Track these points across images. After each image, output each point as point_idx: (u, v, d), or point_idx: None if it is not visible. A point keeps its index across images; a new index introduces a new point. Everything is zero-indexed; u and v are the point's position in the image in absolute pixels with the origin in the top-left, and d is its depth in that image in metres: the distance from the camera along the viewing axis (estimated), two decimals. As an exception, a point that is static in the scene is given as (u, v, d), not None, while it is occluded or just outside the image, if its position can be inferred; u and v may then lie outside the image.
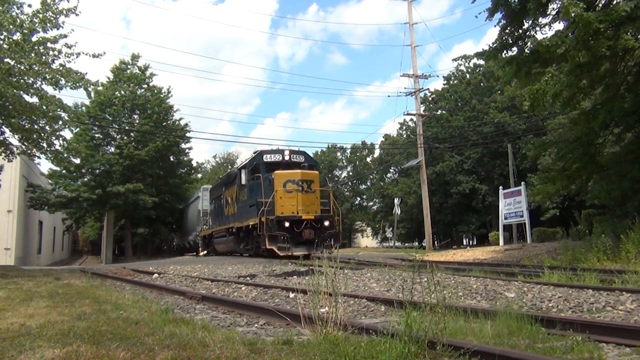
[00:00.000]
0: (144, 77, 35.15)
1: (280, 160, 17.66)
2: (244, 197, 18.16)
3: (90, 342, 3.72)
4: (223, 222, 22.49)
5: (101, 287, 9.37)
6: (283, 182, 16.18)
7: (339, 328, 3.83)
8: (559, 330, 3.98)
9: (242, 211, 18.46)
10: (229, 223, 20.89)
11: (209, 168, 62.06)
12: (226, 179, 22.76)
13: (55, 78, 13.80)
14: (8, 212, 27.26)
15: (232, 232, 20.24)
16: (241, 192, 18.63)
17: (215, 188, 26.24)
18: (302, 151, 19.39)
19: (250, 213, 17.08)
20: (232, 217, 20.50)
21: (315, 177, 17.24)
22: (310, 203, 16.44)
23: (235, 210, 19.96)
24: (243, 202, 18.36)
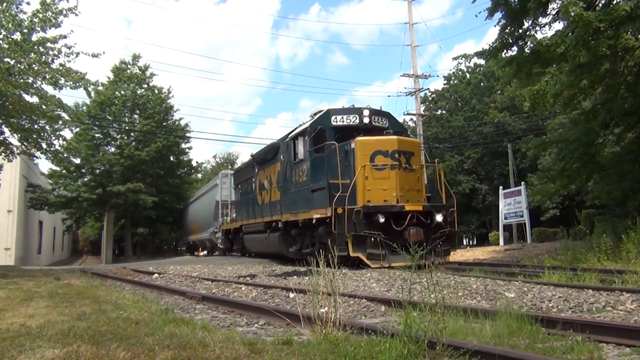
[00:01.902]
0: (145, 77, 35.16)
1: (356, 124, 12.57)
2: (299, 178, 13.24)
3: (90, 342, 3.72)
4: (256, 213, 17.28)
5: (101, 287, 9.37)
6: (370, 155, 11.33)
7: (339, 328, 3.83)
8: (559, 330, 3.98)
9: (294, 199, 13.31)
10: (267, 215, 15.70)
11: (209, 168, 62.03)
12: (262, 156, 17.02)
13: (55, 78, 13.81)
14: (8, 212, 27.27)
15: (276, 228, 14.88)
16: (294, 171, 13.54)
17: (241, 171, 21.48)
18: (385, 111, 14.03)
19: (313, 201, 11.96)
20: (272, 207, 15.38)
21: (417, 147, 12.54)
22: (411, 187, 11.64)
23: (279, 198, 14.74)
24: (297, 186, 13.27)
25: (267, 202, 16.17)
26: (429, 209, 11.44)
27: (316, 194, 11.88)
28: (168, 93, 36.08)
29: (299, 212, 12.80)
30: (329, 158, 11.90)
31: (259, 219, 16.85)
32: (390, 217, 10.90)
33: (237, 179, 21.93)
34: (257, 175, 17.92)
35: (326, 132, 12.64)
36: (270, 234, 15.39)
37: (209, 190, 29.70)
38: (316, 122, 12.91)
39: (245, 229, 18.91)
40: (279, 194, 14.71)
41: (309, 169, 12.70)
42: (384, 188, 11.24)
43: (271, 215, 15.30)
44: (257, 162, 17.85)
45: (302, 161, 13.05)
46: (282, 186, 14.53)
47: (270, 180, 16.17)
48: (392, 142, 11.63)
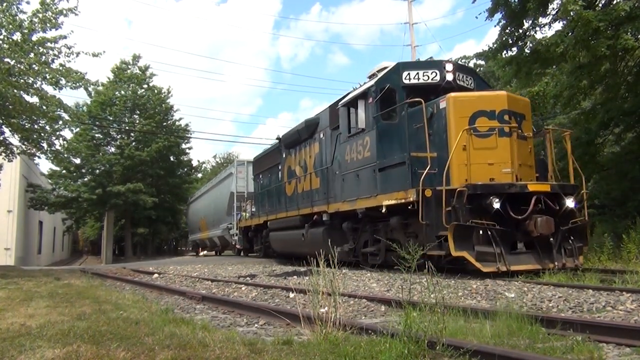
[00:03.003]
0: (145, 77, 35.18)
1: (436, 83, 9.84)
2: (358, 155, 10.47)
3: (90, 342, 3.72)
4: (287, 205, 14.80)
5: (101, 287, 9.37)
6: (469, 117, 8.57)
7: (339, 328, 3.83)
8: (559, 330, 3.98)
9: (348, 183, 10.80)
10: (305, 206, 13.22)
11: (209, 168, 62.03)
12: (294, 137, 14.52)
13: (55, 78, 13.82)
14: (8, 212, 27.28)
15: (317, 223, 12.50)
16: (349, 147, 10.81)
17: (263, 159, 18.54)
18: (470, 67, 12.05)
19: (382, 183, 9.48)
20: (309, 196, 13.10)
21: (528, 108, 9.63)
22: (524, 161, 8.95)
23: (318, 185, 12.63)
24: (353, 166, 10.61)
25: (300, 191, 13.90)
26: (557, 190, 8.60)
27: (388, 173, 9.34)
28: (168, 93, 36.11)
29: (358, 200, 10.27)
30: (409, 123, 9.02)
31: (291, 212, 14.14)
32: (509, 201, 8.10)
33: (258, 169, 19.14)
34: (285, 161, 15.54)
35: (396, 93, 9.86)
36: (310, 229, 12.80)
37: (221, 181, 26.22)
38: (383, 80, 9.96)
39: (270, 225, 16.08)
40: (318, 180, 12.63)
41: (374, 141, 9.80)
42: (490, 162, 8.42)
43: (311, 207, 12.76)
44: (286, 145, 15.25)
45: (361, 132, 10.25)
46: (323, 170, 12.37)
47: (304, 165, 13.83)
48: (499, 99, 8.81)
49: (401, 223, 9.29)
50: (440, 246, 8.05)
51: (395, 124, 9.76)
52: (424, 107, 8.70)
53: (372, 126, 10.03)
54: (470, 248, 7.86)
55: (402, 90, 9.94)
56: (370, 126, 10.07)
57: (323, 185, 12.38)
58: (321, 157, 12.79)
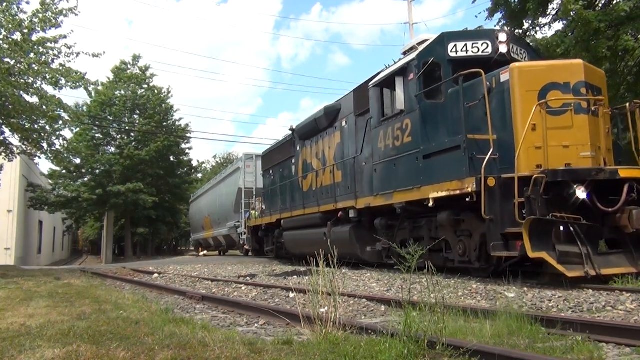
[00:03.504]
0: (145, 78, 35.18)
1: (488, 56, 8.53)
2: (394, 141, 9.23)
3: (90, 342, 3.72)
4: (305, 202, 13.50)
5: (101, 287, 9.38)
6: (539, 90, 7.23)
7: (339, 328, 3.83)
8: (559, 330, 3.97)
9: (383, 173, 9.62)
10: (327, 202, 11.99)
11: (209, 168, 62.04)
12: (310, 127, 13.43)
13: (55, 78, 13.83)
14: (8, 212, 27.30)
15: (342, 220, 11.34)
16: (383, 132, 9.59)
17: (273, 153, 17.18)
18: (524, 39, 10.77)
19: (429, 172, 8.26)
20: (330, 191, 11.98)
21: (604, 81, 8.20)
22: (604, 143, 7.59)
23: (340, 179, 11.61)
24: (389, 154, 9.40)
25: (319, 186, 12.82)
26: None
27: (436, 160, 8.08)
28: (168, 93, 36.12)
29: (395, 193, 9.05)
30: (458, 101, 7.71)
31: (310, 210, 12.94)
32: (595, 189, 6.77)
33: (268, 163, 17.71)
34: (299, 154, 14.34)
35: (441, 68, 8.62)
36: (334, 228, 11.53)
37: (228, 176, 24.55)
38: (426, 53, 8.66)
39: (285, 224, 14.84)
40: (340, 174, 11.60)
41: (416, 123, 8.55)
42: (565, 144, 7.06)
43: (334, 203, 11.50)
44: (301, 137, 14.10)
45: (399, 115, 9.02)
46: (347, 161, 11.27)
47: (323, 157, 12.76)
48: (575, 68, 7.36)
49: (452, 219, 7.96)
50: (506, 246, 6.81)
51: (441, 103, 8.48)
52: (484, 79, 7.38)
53: (413, 107, 8.71)
54: (550, 248, 6.44)
55: (447, 65, 8.60)
56: (411, 107, 8.76)
57: (346, 179, 11.30)
58: (344, 148, 11.64)
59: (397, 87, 9.01)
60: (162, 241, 51.85)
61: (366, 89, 10.49)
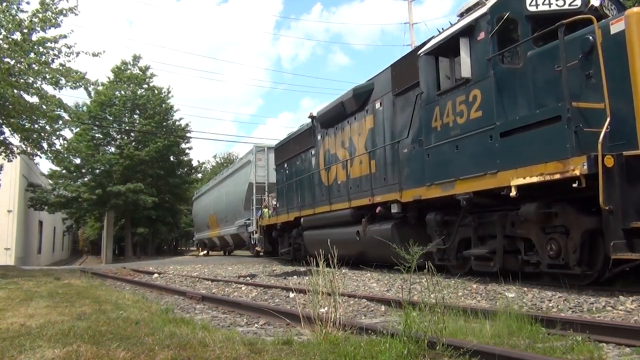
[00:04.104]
0: (145, 78, 35.17)
1: (575, 9, 7.06)
2: (458, 117, 7.70)
3: (90, 342, 3.72)
4: (328, 197, 12.34)
5: (101, 287, 9.38)
6: None
7: (339, 328, 3.83)
8: (559, 330, 3.97)
9: (438, 157, 8.17)
10: (362, 195, 10.74)
11: (209, 168, 62.06)
12: (335, 112, 12.14)
13: (55, 78, 13.84)
14: (8, 212, 27.30)
15: (375, 218, 10.30)
16: (440, 107, 8.11)
17: (289, 144, 15.76)
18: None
19: (509, 153, 6.75)
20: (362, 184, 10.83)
21: None
22: None
23: (374, 169, 10.42)
24: (451, 132, 7.86)
25: (346, 179, 11.59)
26: None
27: (520, 137, 6.55)
28: (168, 93, 36.11)
29: (458, 181, 7.58)
30: (564, 57, 6.04)
31: (338, 205, 11.66)
32: None
33: (282, 156, 16.31)
34: (320, 144, 13.14)
35: (518, 25, 7.20)
36: (370, 226, 10.26)
37: (237, 170, 22.81)
38: (500, 7, 7.23)
39: (305, 222, 13.58)
40: (374, 163, 10.39)
41: (489, 93, 7.08)
42: None
43: (370, 196, 10.25)
44: (323, 124, 12.89)
45: (463, 86, 7.56)
46: (383, 148, 10.05)
47: (351, 145, 11.48)
48: None
49: (541, 213, 6.41)
50: (630, 246, 5.41)
51: (519, 69, 7.05)
52: (596, 26, 5.94)
53: (484, 74, 7.21)
54: None
55: (525, 22, 7.18)
56: (481, 74, 7.26)
57: (385, 168, 10.05)
58: (379, 133, 10.33)
59: (462, 50, 7.38)
60: (162, 241, 51.83)
61: (411, 61, 9.13)
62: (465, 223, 8.05)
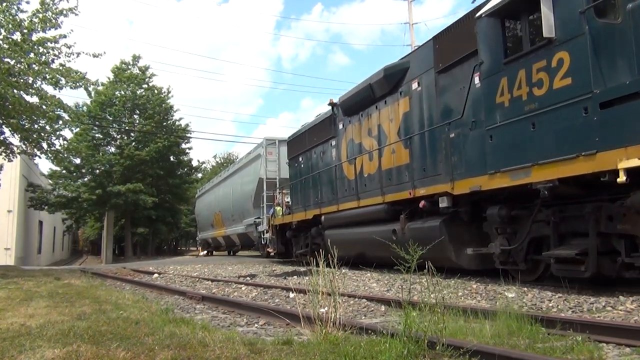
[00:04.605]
0: (144, 77, 35.17)
1: None
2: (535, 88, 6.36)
3: (90, 342, 3.72)
4: (356, 192, 11.19)
5: (101, 287, 9.38)
6: None
7: (339, 328, 3.83)
8: (559, 330, 3.97)
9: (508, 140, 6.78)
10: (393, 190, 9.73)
11: (209, 168, 62.06)
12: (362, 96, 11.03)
13: (55, 78, 13.84)
14: (8, 212, 27.29)
15: (415, 214, 9.18)
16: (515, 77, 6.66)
17: (305, 135, 14.52)
18: None
19: (622, 127, 5.34)
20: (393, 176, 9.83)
21: None
22: None
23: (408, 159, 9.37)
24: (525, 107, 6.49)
25: (374, 172, 10.52)
26: None
27: (633, 106, 5.28)
28: (168, 93, 36.11)
29: (536, 166, 6.28)
30: None
31: (368, 201, 10.49)
32: None
33: (296, 149, 15.14)
34: (342, 133, 12.06)
35: None
36: (411, 223, 9.10)
37: (246, 165, 21.25)
38: None
39: (326, 221, 12.40)
40: (408, 152, 9.32)
41: (581, 56, 5.89)
42: None
43: (412, 188, 8.99)
44: (346, 111, 11.82)
45: (545, 47, 6.29)
46: (424, 134, 8.91)
47: (380, 133, 10.43)
48: None
49: None
50: None
51: (618, 25, 5.86)
52: None
53: (575, 31, 5.98)
54: None
55: None
56: (571, 32, 6.04)
57: (422, 157, 8.94)
58: (418, 116, 9.22)
59: (544, 4, 6.18)
60: (162, 241, 51.84)
61: (463, 29, 8.02)
62: (540, 218, 6.67)
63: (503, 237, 7.18)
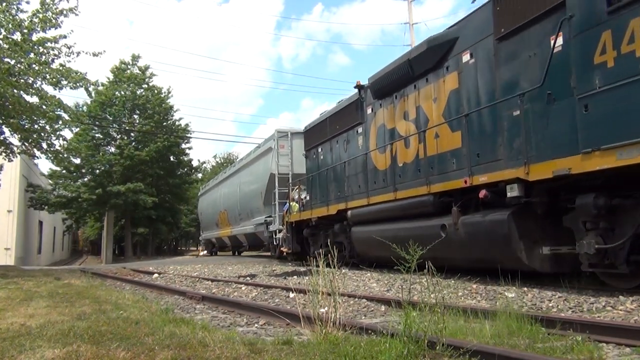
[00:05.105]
0: (144, 77, 35.17)
1: None
2: None
3: (90, 342, 3.72)
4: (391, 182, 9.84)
5: (101, 287, 9.38)
6: None
7: (339, 328, 3.83)
8: (559, 330, 3.97)
9: (618, 108, 5.35)
10: (440, 179, 8.40)
11: (209, 168, 62.06)
12: (400, 73, 9.71)
13: (55, 78, 13.85)
14: (8, 212, 27.30)
15: (471, 207, 7.89)
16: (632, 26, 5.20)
17: (326, 122, 13.27)
18: None
19: None
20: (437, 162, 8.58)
21: None
22: None
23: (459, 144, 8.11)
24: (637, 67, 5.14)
25: (412, 160, 9.31)
26: None
27: None
28: (168, 93, 36.10)
29: None
30: None
31: (407, 192, 9.18)
32: None
33: (315, 139, 13.99)
34: (371, 118, 10.95)
35: None
36: (466, 217, 7.64)
37: (255, 159, 19.76)
38: None
39: (355, 216, 11.09)
40: (459, 135, 8.05)
41: None
42: None
43: (469, 175, 7.52)
44: (377, 94, 10.66)
45: None
46: (479, 114, 7.61)
47: (420, 115, 9.27)
48: None
49: None
50: None
51: None
52: None
53: None
54: None
55: None
56: None
57: (479, 140, 7.60)
58: (469, 93, 8.04)
59: None
60: (162, 241, 51.85)
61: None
62: None
63: (596, 233, 5.86)
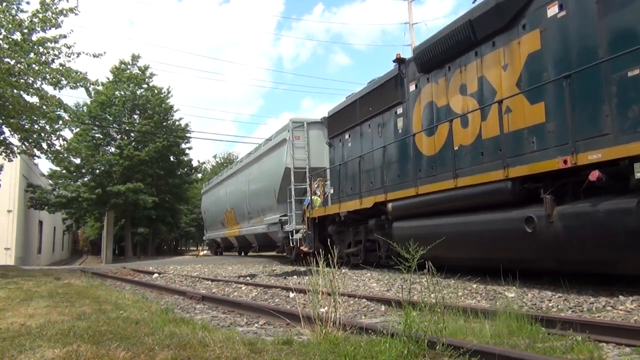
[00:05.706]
0: (144, 77, 35.16)
1: None
2: None
3: (90, 342, 3.72)
4: (451, 168, 8.06)
5: (101, 287, 9.38)
6: None
7: (339, 328, 3.83)
8: (559, 330, 3.98)
9: None
10: (519, 161, 6.79)
11: (209, 168, 62.06)
12: (457, 39, 8.20)
13: (55, 78, 13.85)
14: (8, 212, 27.29)
15: (567, 194, 6.19)
16: None
17: (360, 103, 11.65)
18: None
19: None
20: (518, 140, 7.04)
21: None
22: None
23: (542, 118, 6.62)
24: None
25: (470, 141, 7.93)
26: None
27: None
28: (168, 93, 36.09)
29: None
30: None
31: (474, 178, 7.49)
32: None
33: (341, 125, 12.56)
34: (416, 96, 9.53)
35: None
36: (565, 207, 6.04)
37: (267, 152, 17.80)
38: None
39: (396, 209, 9.47)
40: (542, 106, 6.65)
41: None
42: None
43: (571, 153, 5.86)
44: (425, 66, 9.20)
45: None
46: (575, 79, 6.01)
47: (483, 88, 7.79)
48: None
49: None
50: None
51: None
52: None
53: None
54: None
55: None
56: None
57: (576, 112, 6.03)
58: (558, 54, 6.53)
59: None
60: (162, 241, 51.84)
61: None
62: None
63: None
